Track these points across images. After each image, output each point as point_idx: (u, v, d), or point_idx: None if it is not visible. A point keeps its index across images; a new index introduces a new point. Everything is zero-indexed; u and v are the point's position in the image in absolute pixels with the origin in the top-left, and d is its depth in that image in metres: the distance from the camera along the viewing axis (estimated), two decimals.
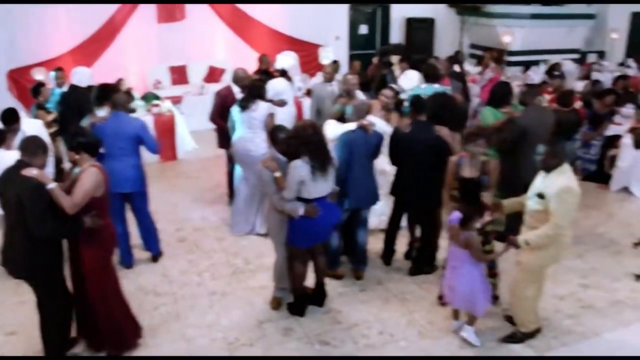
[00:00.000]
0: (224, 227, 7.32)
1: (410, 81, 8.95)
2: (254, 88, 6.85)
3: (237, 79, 7.48)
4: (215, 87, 11.91)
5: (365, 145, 5.73)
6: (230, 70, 12.48)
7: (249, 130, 6.73)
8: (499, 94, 6.97)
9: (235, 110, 6.86)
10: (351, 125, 5.79)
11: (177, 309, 5.55)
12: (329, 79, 8.35)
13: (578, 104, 8.21)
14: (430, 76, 7.69)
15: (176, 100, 11.14)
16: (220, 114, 7.35)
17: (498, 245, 5.19)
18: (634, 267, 6.43)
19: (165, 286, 5.96)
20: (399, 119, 6.76)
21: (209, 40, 13.14)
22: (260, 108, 6.75)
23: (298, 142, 4.92)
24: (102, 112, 6.48)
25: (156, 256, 6.48)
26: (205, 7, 12.87)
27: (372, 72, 10.37)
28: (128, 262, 6.28)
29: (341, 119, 6.27)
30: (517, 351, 4.98)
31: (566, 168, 4.62)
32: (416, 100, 6.10)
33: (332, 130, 6.01)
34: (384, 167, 6.40)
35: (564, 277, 6.09)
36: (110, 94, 6.49)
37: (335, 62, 10.97)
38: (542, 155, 4.64)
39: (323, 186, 5.03)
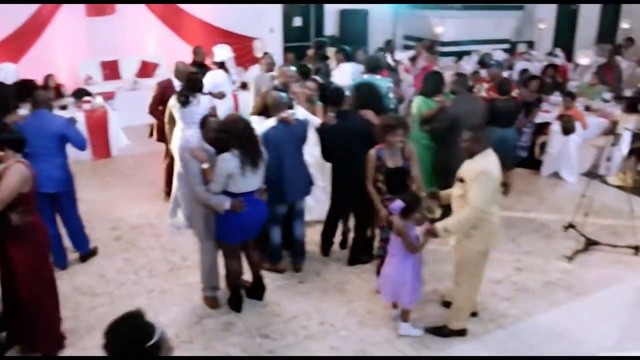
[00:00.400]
0: (160, 224, 7.20)
1: (343, 75, 9.01)
2: (192, 81, 6.74)
3: (178, 73, 7.36)
4: (148, 82, 11.75)
5: (291, 138, 5.69)
6: (164, 65, 12.36)
7: (194, 125, 6.53)
8: (430, 83, 7.10)
9: (175, 107, 6.73)
10: (271, 122, 5.68)
11: (114, 308, 5.41)
12: (268, 70, 8.30)
13: (515, 92, 8.40)
14: (372, 67, 7.76)
15: (108, 96, 10.86)
16: (160, 106, 7.21)
17: None
18: (564, 249, 6.66)
19: (102, 286, 5.83)
20: (324, 111, 6.76)
21: (141, 34, 12.83)
22: (203, 102, 6.66)
23: (228, 136, 4.85)
24: (24, 110, 6.26)
25: (85, 256, 6.32)
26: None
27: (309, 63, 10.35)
28: (63, 263, 6.09)
29: (263, 113, 5.96)
30: (456, 337, 5.06)
31: (488, 153, 4.66)
32: (333, 92, 6.13)
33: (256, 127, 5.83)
34: (306, 157, 6.36)
35: (499, 261, 6.23)
36: (31, 90, 6.25)
37: (265, 53, 10.94)
38: (465, 141, 4.71)
39: (252, 181, 4.96)
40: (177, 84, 7.22)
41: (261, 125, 5.65)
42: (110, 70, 12.17)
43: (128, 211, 7.58)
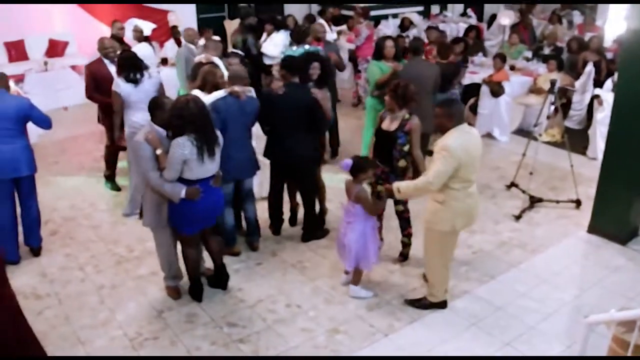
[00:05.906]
0: (96, 213, 6.81)
1: (275, 47, 8.74)
2: (131, 59, 6.33)
3: (103, 49, 6.90)
4: (60, 62, 11.04)
5: (241, 113, 5.40)
6: (74, 43, 11.64)
7: (143, 106, 5.73)
8: (378, 48, 7.08)
9: (124, 87, 6.22)
10: (220, 93, 5.37)
11: (64, 310, 5.05)
12: (191, 41, 7.95)
13: (452, 57, 8.37)
14: (299, 38, 7.58)
15: (17, 79, 10.13)
16: (96, 89, 6.75)
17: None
18: (510, 208, 6.79)
19: (46, 287, 5.40)
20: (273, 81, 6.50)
21: (46, 11, 11.89)
22: (154, 78, 6.36)
23: (182, 121, 4.50)
24: None
25: (39, 249, 5.94)
26: None
27: (235, 36, 9.96)
28: (14, 257, 5.70)
29: (203, 87, 5.60)
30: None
31: (462, 128, 4.49)
32: (289, 61, 5.91)
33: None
34: (259, 131, 6.13)
35: None
36: None
37: (174, 27, 10.66)
38: (436, 117, 4.59)
39: (209, 167, 4.66)
40: (107, 62, 6.77)
41: (206, 97, 5.32)
42: (16, 51, 11.28)
43: (59, 202, 7.08)
